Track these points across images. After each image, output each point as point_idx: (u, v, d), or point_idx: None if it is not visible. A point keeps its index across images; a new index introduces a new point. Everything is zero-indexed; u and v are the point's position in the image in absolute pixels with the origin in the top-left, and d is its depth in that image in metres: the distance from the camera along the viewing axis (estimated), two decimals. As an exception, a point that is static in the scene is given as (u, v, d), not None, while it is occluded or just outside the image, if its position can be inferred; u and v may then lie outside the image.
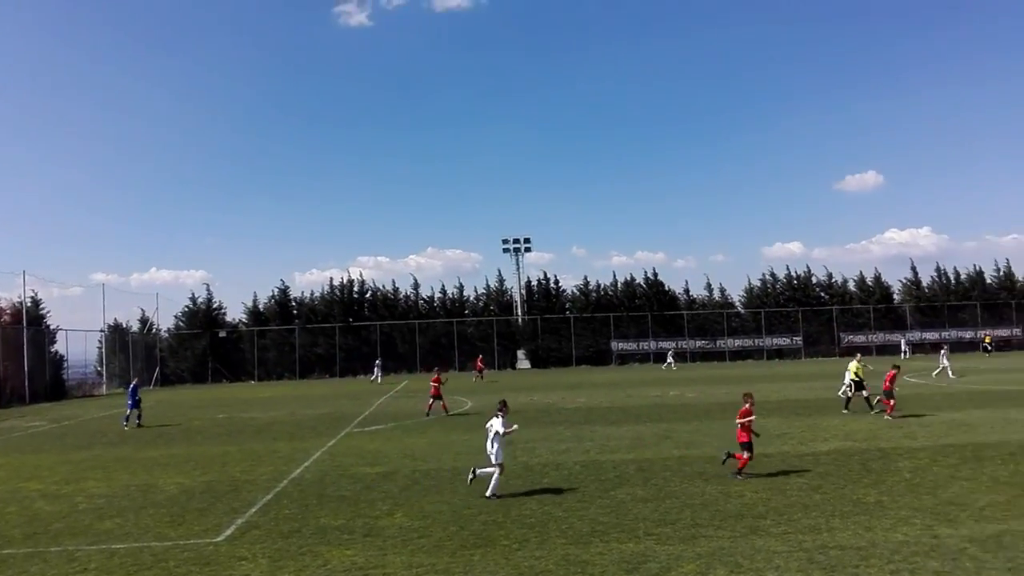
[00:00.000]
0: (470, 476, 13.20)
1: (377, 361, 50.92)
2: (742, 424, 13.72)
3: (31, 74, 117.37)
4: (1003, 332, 64.43)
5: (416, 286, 68.28)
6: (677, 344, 63.46)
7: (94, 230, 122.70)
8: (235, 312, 67.51)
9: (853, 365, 24.08)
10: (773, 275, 70.22)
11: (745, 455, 13.55)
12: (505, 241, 68.52)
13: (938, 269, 70.69)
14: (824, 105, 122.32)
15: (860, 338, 64.67)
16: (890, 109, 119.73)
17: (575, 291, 69.47)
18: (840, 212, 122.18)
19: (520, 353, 63.73)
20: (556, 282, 69.28)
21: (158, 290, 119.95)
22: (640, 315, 65.73)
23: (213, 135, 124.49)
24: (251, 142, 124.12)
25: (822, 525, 10.17)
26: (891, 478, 13.03)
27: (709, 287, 70.12)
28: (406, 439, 20.30)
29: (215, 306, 65.32)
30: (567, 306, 68.74)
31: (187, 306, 64.73)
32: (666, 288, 69.20)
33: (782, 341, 65.39)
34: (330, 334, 62.90)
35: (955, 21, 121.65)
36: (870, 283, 69.37)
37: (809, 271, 70.41)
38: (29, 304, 47.68)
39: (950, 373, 35.64)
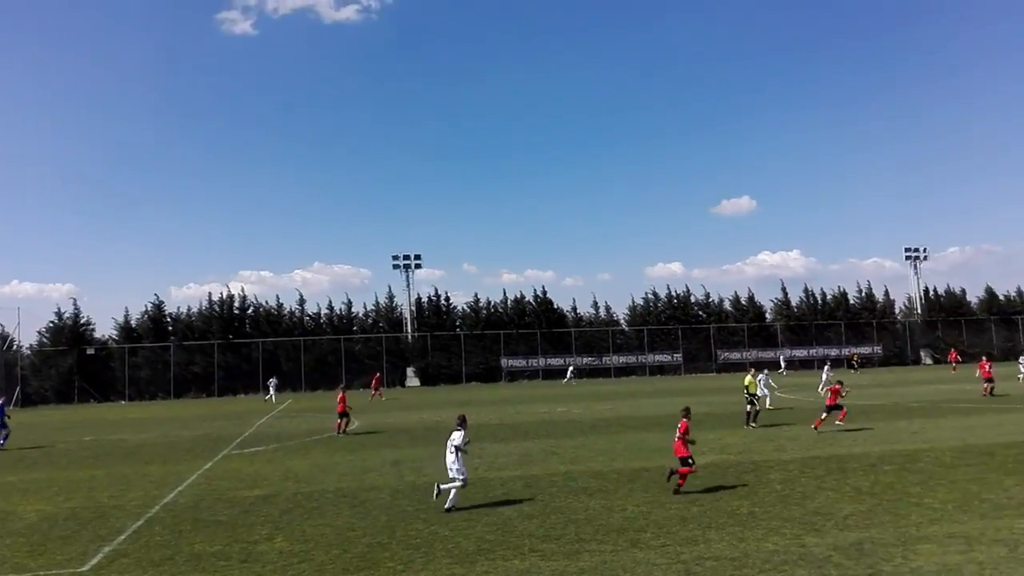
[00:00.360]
0: (435, 491, 13.25)
1: (272, 380, 49.11)
2: (682, 438, 13.91)
3: None
4: (864, 350, 68.91)
5: (302, 302, 66.79)
6: (565, 361, 64.63)
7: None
8: (105, 328, 63.88)
9: (747, 379, 24.96)
10: (655, 294, 72.78)
11: (688, 467, 13.74)
12: (395, 257, 67.98)
13: (806, 290, 75.23)
14: (702, 133, 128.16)
15: (735, 355, 67.77)
16: (763, 138, 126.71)
17: (465, 308, 69.74)
18: (717, 235, 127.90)
19: (410, 371, 63.16)
20: (447, 299, 69.31)
21: (20, 304, 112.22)
22: (530, 332, 66.52)
23: (85, 139, 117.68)
24: (126, 148, 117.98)
25: (699, 537, 10.52)
26: (763, 489, 13.64)
27: (596, 305, 72.00)
28: (288, 461, 19.67)
29: (83, 321, 61.69)
30: (457, 323, 68.77)
31: (52, 321, 60.94)
32: (555, 306, 70.43)
33: (663, 358, 67.63)
34: (208, 351, 60.34)
35: (822, 56, 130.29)
36: (744, 303, 72.87)
37: (688, 291, 73.44)
38: None
39: (821, 389, 37.78)
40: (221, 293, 65.51)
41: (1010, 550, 9.28)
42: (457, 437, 13.29)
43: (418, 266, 68.35)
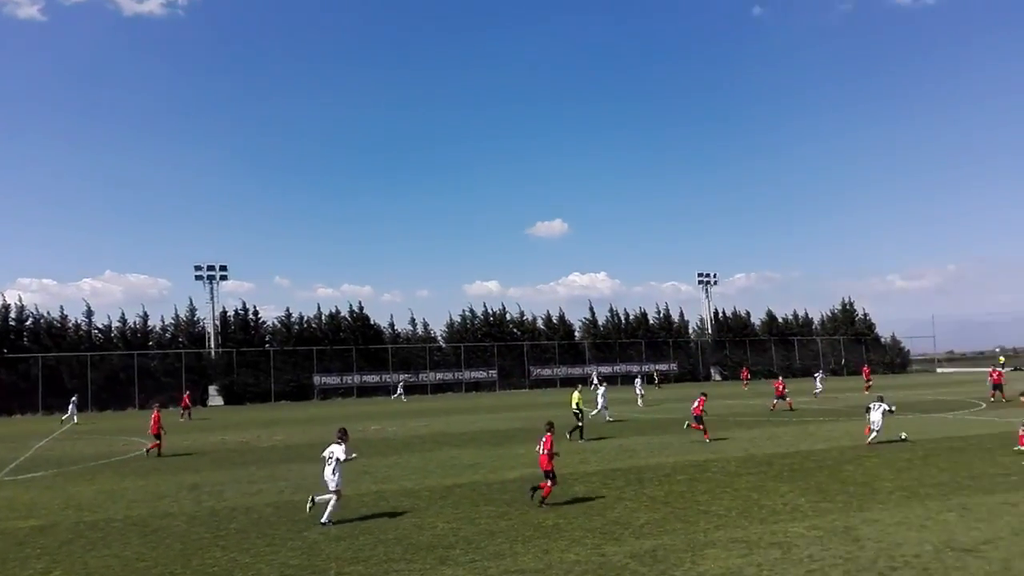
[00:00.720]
0: (309, 504, 13.08)
1: (73, 398, 44.34)
2: (547, 453, 13.93)
3: None
4: (662, 367, 73.64)
5: (89, 313, 61.31)
6: (381, 377, 63.88)
7: None
8: None
9: (575, 396, 25.83)
10: (472, 311, 73.79)
11: (550, 483, 13.85)
12: (198, 267, 64.26)
13: (612, 310, 79.34)
14: (519, 155, 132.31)
15: (547, 371, 70.14)
16: (577, 164, 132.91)
17: (276, 323, 67.04)
18: (532, 255, 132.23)
19: (212, 388, 59.68)
20: (255, 313, 66.36)
21: None
22: (345, 349, 65.10)
23: None
24: None
25: (506, 551, 10.72)
26: (568, 501, 14.14)
27: (413, 322, 71.75)
28: (70, 487, 17.91)
29: None
30: (267, 339, 65.97)
31: None
32: (372, 322, 69.44)
33: (479, 374, 68.62)
34: (-23, 367, 53.80)
35: (630, 88, 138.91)
36: (556, 321, 75.64)
37: (504, 308, 75.13)
38: None
39: (640, 402, 40.00)
40: (-6, 303, 58.71)
41: (784, 552, 10.20)
42: (337, 450, 13.29)
43: (224, 277, 65.04)
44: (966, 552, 9.82)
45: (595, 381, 62.30)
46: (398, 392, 57.83)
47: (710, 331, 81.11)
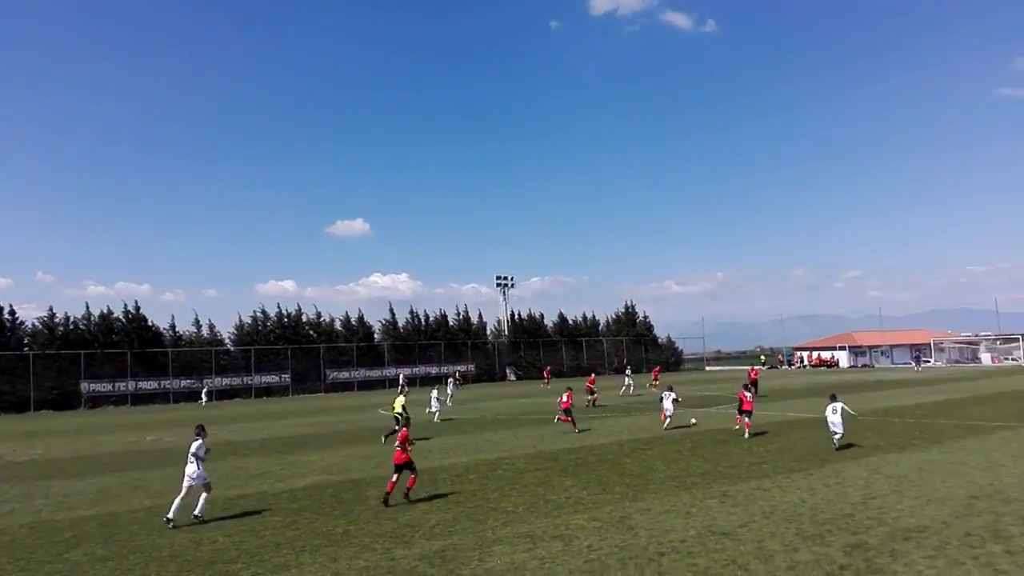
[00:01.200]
0: (168, 516, 12.89)
1: None
2: (401, 446, 14.19)
3: None
4: (461, 368, 74.67)
5: None
6: (160, 384, 59.53)
7: None
8: None
9: (399, 401, 26.00)
10: (265, 312, 70.66)
11: (413, 475, 14.25)
12: (-58, 262, 56.37)
13: (412, 311, 79.26)
14: (319, 153, 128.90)
15: (344, 374, 68.74)
16: (378, 164, 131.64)
17: (37, 324, 60.22)
18: (332, 255, 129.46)
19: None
20: (12, 313, 59.21)
21: None
22: (118, 352, 59.90)
23: None
24: None
25: (292, 562, 10.38)
26: (359, 507, 13.95)
27: (198, 323, 67.44)
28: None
29: None
30: (26, 341, 59.17)
31: None
32: (149, 323, 64.34)
33: (271, 379, 65.83)
34: None
35: (433, 94, 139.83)
36: (354, 323, 74.34)
37: (300, 309, 72.64)
38: None
39: (449, 402, 39.84)
40: None
41: (566, 544, 10.71)
42: (194, 446, 13.47)
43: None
44: (725, 535, 10.84)
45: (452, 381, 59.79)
46: (203, 399, 55.15)
47: (507, 332, 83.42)
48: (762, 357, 64.36)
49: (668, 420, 24.32)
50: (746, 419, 21.85)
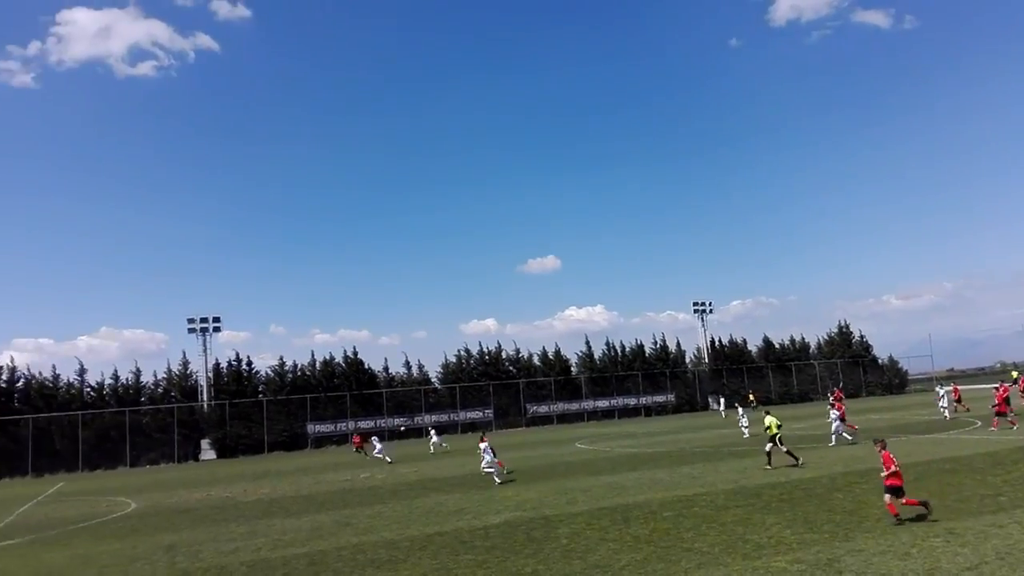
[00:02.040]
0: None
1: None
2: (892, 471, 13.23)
3: None
4: (659, 398, 73.06)
5: (82, 371, 60.61)
6: (376, 423, 63.18)
7: None
8: None
9: (771, 420, 24.21)
10: (468, 351, 73.33)
11: (898, 499, 13.19)
12: (191, 320, 63.93)
13: (608, 343, 78.86)
14: (509, 194, 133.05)
15: (543, 408, 69.49)
16: (564, 199, 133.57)
17: (269, 372, 66.46)
18: (526, 292, 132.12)
19: (204, 442, 58.92)
20: (249, 363, 65.79)
21: None
22: (339, 395, 64.50)
23: None
24: None
25: (478, 603, 10.32)
26: (549, 546, 13.73)
27: (408, 364, 71.21)
28: (44, 554, 17.40)
29: None
30: (260, 389, 65.36)
31: None
32: (366, 366, 68.88)
33: (475, 414, 67.93)
34: (-37, 431, 53.05)
35: (618, 117, 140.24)
36: (552, 357, 75.13)
37: (499, 346, 74.59)
38: None
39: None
40: (-11, 364, 58.17)
41: (763, 588, 9.83)
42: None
43: (217, 329, 64.76)
44: (952, 582, 9.47)
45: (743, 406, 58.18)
46: (432, 437, 54.68)
47: (707, 360, 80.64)
48: (1014, 373, 56.01)
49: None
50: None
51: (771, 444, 23.10)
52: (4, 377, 57.97)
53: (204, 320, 64.16)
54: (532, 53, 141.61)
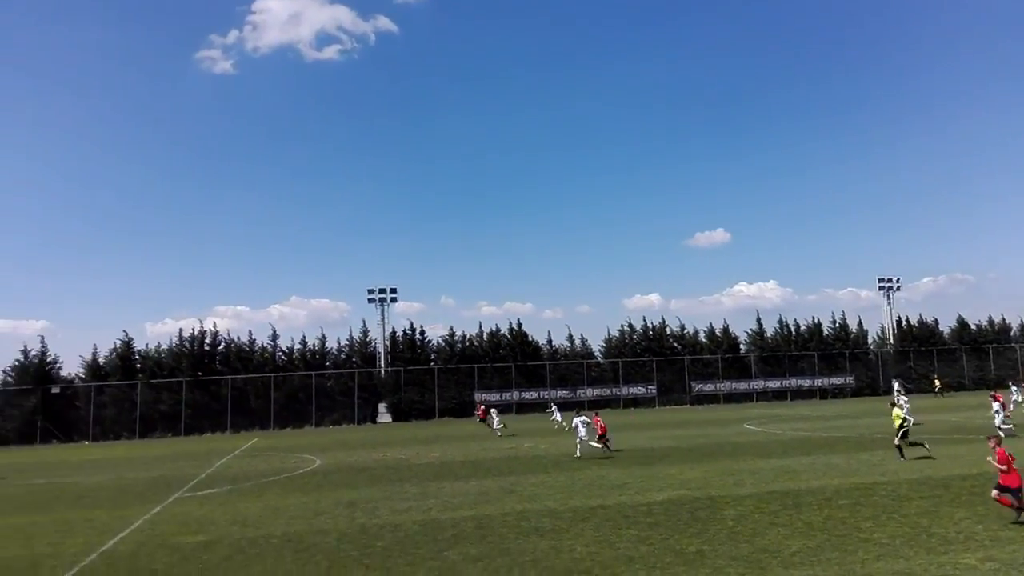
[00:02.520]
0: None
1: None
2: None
3: None
4: (837, 380, 69.15)
5: (274, 337, 65.76)
6: (539, 394, 64.29)
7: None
8: (72, 366, 62.57)
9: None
10: (631, 326, 72.72)
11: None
12: (371, 291, 67.53)
13: (781, 321, 75.40)
14: (675, 164, 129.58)
15: (709, 387, 67.78)
16: (735, 169, 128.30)
17: (440, 342, 69.21)
18: (693, 266, 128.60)
19: (381, 406, 62.43)
20: (422, 333, 68.77)
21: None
22: (504, 366, 66.13)
23: (63, 174, 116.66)
24: (104, 184, 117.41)
25: (641, 578, 10.29)
26: (715, 527, 13.43)
27: (571, 337, 71.73)
28: (240, 504, 19.18)
29: (49, 359, 60.34)
30: (432, 357, 68.24)
31: (17, 360, 59.52)
32: (530, 339, 70.15)
33: (637, 390, 67.42)
34: (176, 389, 59.23)
35: (791, 89, 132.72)
36: (719, 334, 72.97)
37: (664, 322, 73.34)
38: None
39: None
40: (193, 329, 64.67)
41: (951, 588, 9.13)
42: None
43: (394, 299, 68.01)
44: None
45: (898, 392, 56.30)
46: (550, 410, 55.97)
47: (892, 341, 75.29)
48: None
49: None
50: None
51: (899, 437, 21.88)
52: (207, 341, 64.05)
53: (382, 291, 67.60)
54: (704, 19, 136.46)
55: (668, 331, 72.69)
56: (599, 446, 25.87)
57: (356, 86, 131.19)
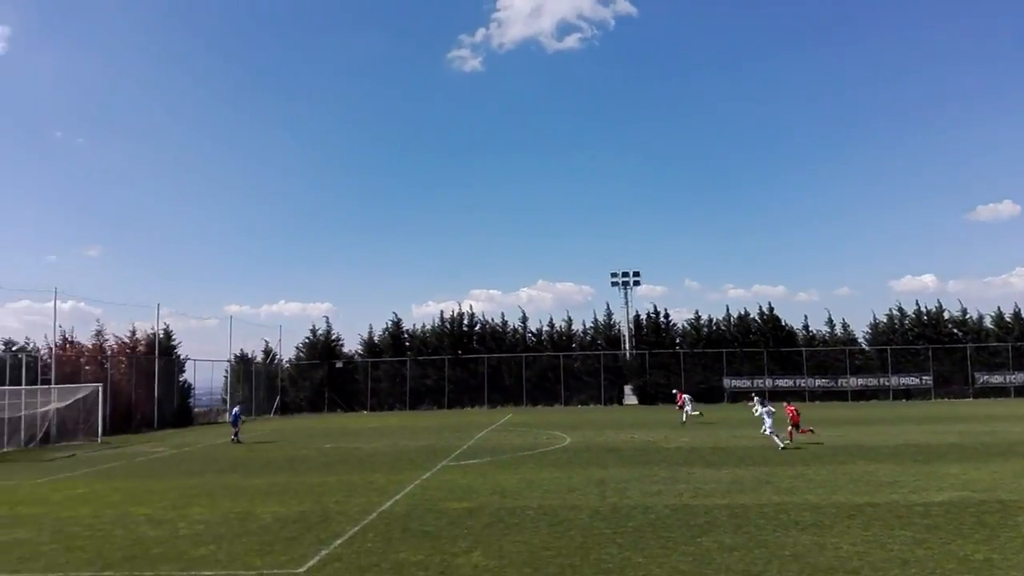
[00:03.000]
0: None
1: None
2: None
3: (168, 124, 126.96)
4: None
5: (524, 319, 68.61)
6: (795, 382, 60.98)
7: (230, 264, 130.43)
8: (352, 344, 69.85)
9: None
10: (901, 310, 66.48)
11: None
12: (614, 274, 68.05)
13: (1088, 304, 64.77)
14: (955, 130, 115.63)
15: (997, 378, 60.14)
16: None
17: (686, 325, 68.03)
18: (976, 244, 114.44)
19: (627, 388, 62.80)
20: (666, 316, 68.12)
21: (285, 322, 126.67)
22: (755, 351, 63.54)
23: (335, 175, 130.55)
24: (373, 181, 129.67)
25: (919, 585, 9.43)
26: (1007, 534, 11.94)
27: (831, 322, 67.04)
28: (498, 475, 20.29)
29: (333, 338, 67.82)
30: (677, 341, 67.31)
31: (307, 337, 67.57)
32: (783, 323, 66.65)
33: (910, 380, 61.49)
34: (439, 366, 64.03)
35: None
36: (1008, 319, 64.35)
37: (940, 306, 66.14)
38: (161, 335, 51.01)
39: None
40: (452, 311, 69.42)
41: None
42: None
43: (637, 283, 68.00)
44: None
45: None
46: (752, 403, 50.80)
47: None
48: None
49: None
50: None
51: None
52: (465, 322, 68.32)
53: (625, 274, 67.81)
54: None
55: (946, 315, 65.46)
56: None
57: (596, 73, 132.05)
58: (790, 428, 25.77)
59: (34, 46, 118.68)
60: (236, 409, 35.07)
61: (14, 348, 45.11)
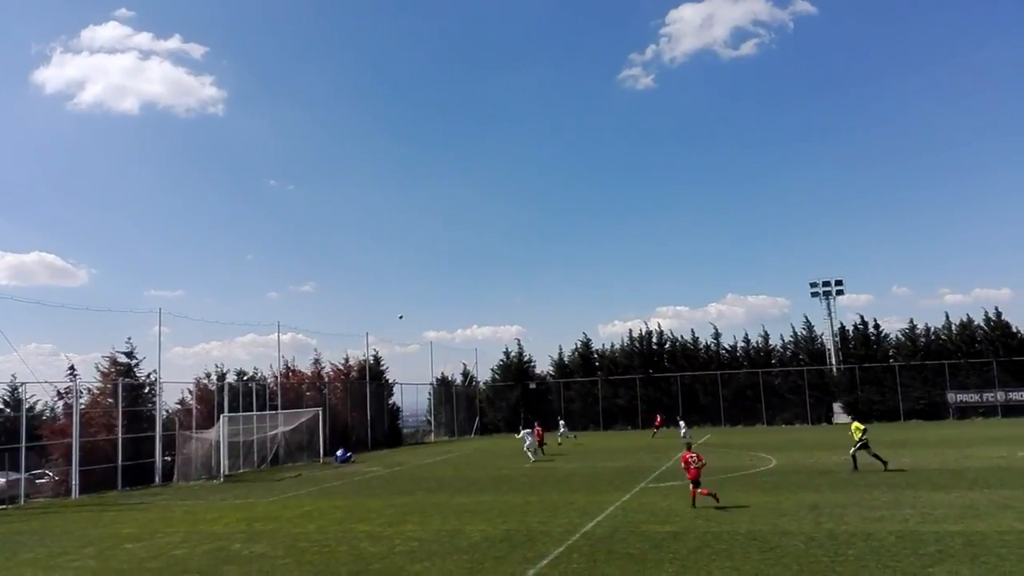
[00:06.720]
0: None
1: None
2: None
3: (366, 167, 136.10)
4: None
5: (717, 335, 66.53)
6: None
7: (430, 293, 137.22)
8: (543, 364, 71.04)
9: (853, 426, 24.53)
10: None
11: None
12: (813, 284, 64.45)
13: None
14: None
15: None
16: None
17: (899, 336, 62.89)
18: None
19: (836, 406, 58.88)
20: (876, 327, 63.34)
21: (479, 345, 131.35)
22: (983, 362, 57.49)
23: (518, 204, 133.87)
24: (555, 206, 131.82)
25: None
26: None
27: (1072, 327, 59.28)
28: (701, 498, 19.72)
29: (525, 359, 69.35)
30: (890, 353, 62.35)
31: (501, 360, 69.59)
32: (1013, 329, 59.80)
33: None
34: (630, 385, 63.47)
35: None
36: None
37: None
38: (371, 361, 54.57)
39: None
40: (640, 329, 68.69)
41: None
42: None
43: (839, 292, 63.93)
44: None
45: None
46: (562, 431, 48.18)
47: None
48: None
49: None
50: None
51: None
52: (654, 340, 67.33)
53: (827, 284, 64.01)
54: None
55: None
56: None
57: (777, 77, 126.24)
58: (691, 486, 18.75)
59: (248, 106, 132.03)
60: (339, 452, 39.07)
61: (245, 378, 50.10)
